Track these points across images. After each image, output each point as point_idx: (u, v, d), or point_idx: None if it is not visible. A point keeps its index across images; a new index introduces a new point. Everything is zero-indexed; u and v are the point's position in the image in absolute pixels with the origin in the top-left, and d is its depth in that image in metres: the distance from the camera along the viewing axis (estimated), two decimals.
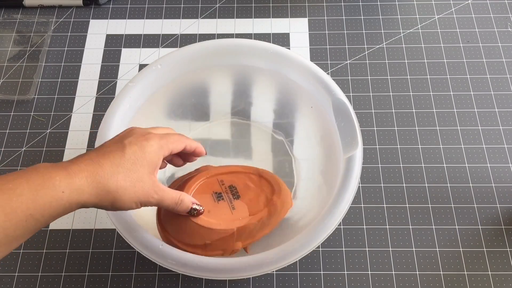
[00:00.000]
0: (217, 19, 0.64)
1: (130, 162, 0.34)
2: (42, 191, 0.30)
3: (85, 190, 0.32)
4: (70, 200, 0.31)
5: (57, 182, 0.30)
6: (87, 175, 0.32)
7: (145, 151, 0.35)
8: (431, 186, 0.53)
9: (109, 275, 0.49)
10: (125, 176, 0.33)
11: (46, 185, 0.30)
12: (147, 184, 0.35)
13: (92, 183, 0.32)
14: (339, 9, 0.65)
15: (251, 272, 0.38)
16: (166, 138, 0.37)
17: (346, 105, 0.45)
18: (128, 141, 0.35)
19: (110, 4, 0.66)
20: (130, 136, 0.36)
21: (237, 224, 0.42)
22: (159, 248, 0.39)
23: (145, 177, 0.35)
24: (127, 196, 0.34)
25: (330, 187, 0.44)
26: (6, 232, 0.29)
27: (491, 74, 0.60)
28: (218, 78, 0.52)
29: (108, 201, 0.33)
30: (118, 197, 0.33)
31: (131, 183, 0.34)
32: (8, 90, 0.59)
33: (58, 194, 0.30)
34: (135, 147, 0.35)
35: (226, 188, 0.44)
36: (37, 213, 0.30)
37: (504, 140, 0.55)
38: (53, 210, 0.30)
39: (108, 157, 0.33)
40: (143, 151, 0.35)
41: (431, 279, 0.48)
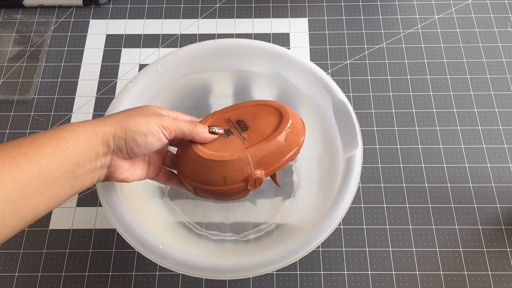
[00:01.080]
0: (217, 19, 0.64)
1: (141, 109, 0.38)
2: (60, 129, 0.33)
3: (99, 122, 0.35)
4: (86, 130, 0.34)
5: (73, 124, 0.34)
6: (98, 118, 0.35)
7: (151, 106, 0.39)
8: (431, 186, 0.53)
9: (109, 275, 0.49)
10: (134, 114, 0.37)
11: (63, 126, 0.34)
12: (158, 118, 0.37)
13: (106, 117, 0.35)
14: (339, 9, 0.65)
15: (251, 272, 0.38)
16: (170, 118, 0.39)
17: (346, 105, 0.45)
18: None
19: (110, 4, 0.66)
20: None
21: (250, 151, 0.41)
22: (159, 248, 0.39)
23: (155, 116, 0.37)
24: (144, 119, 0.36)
25: (330, 187, 0.44)
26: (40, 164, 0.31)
27: (491, 74, 0.60)
28: (218, 78, 0.52)
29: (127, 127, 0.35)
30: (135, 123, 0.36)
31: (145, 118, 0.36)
32: (8, 90, 0.59)
33: (74, 127, 0.34)
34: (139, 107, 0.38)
35: (233, 123, 0.44)
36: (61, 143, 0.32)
37: (504, 140, 0.55)
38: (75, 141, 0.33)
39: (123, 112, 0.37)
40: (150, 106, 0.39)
41: (431, 279, 0.48)
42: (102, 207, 0.41)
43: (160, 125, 0.37)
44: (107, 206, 0.41)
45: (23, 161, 0.30)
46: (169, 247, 0.39)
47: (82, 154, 0.33)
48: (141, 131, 0.36)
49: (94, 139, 0.34)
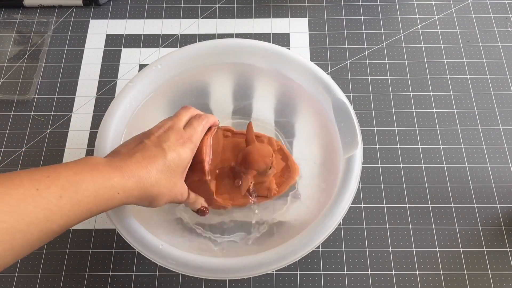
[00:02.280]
0: (217, 19, 0.64)
1: (170, 170, 0.38)
2: (103, 190, 0.33)
3: (133, 194, 0.35)
4: (121, 201, 0.35)
5: (115, 184, 0.34)
6: (137, 181, 0.35)
7: (181, 159, 0.39)
8: (431, 186, 0.53)
9: (109, 275, 0.49)
10: (165, 183, 0.38)
11: (106, 185, 0.33)
12: (179, 189, 0.40)
13: (141, 189, 0.36)
14: (339, 9, 0.65)
15: (251, 272, 0.38)
16: (195, 136, 0.42)
17: (346, 105, 0.45)
18: (167, 146, 0.39)
19: (110, 4, 0.66)
20: (168, 140, 0.39)
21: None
22: (159, 248, 0.39)
23: (178, 183, 0.40)
24: (163, 199, 0.38)
25: (330, 187, 0.44)
26: (68, 220, 0.32)
27: (491, 74, 0.60)
28: (218, 78, 0.52)
29: (147, 203, 0.38)
30: (156, 200, 0.38)
31: (168, 189, 0.38)
32: (8, 90, 0.59)
33: (115, 194, 0.34)
34: (174, 154, 0.38)
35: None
36: (95, 208, 0.33)
37: (504, 140, 0.55)
38: (107, 207, 0.34)
39: (154, 163, 0.37)
40: (180, 159, 0.39)
41: (431, 279, 0.48)
42: None
43: (171, 200, 0.40)
44: None
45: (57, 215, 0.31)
46: (169, 247, 0.39)
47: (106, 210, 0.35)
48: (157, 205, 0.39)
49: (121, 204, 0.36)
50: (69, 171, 0.32)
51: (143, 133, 0.41)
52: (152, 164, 0.37)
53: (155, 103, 0.50)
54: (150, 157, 0.37)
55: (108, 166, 0.35)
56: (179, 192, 0.40)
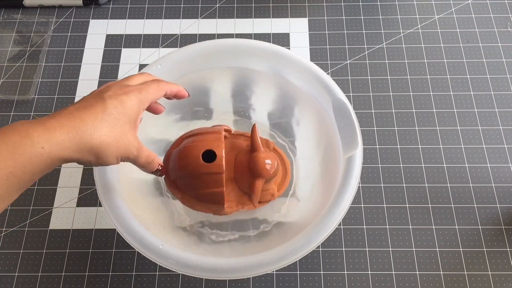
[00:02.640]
0: (217, 19, 0.64)
1: (112, 117, 0.33)
2: (20, 148, 0.29)
3: (67, 145, 0.31)
4: (51, 155, 0.30)
5: (35, 138, 0.29)
6: (68, 130, 0.31)
7: (126, 106, 0.34)
8: (431, 186, 0.53)
9: (109, 275, 0.49)
10: (108, 132, 0.33)
11: (23, 142, 0.29)
12: (130, 140, 0.35)
13: (74, 138, 0.31)
14: (339, 9, 0.65)
15: (251, 272, 0.38)
16: (145, 89, 0.37)
17: (346, 105, 0.45)
18: (107, 95, 0.34)
19: (110, 4, 0.66)
20: (109, 90, 0.35)
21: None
22: (159, 248, 0.39)
23: (127, 133, 0.35)
24: (110, 151, 0.33)
25: (330, 187, 0.44)
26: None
27: (491, 74, 0.60)
28: (218, 78, 0.52)
29: (91, 156, 0.33)
30: (101, 152, 0.33)
31: (114, 139, 0.33)
32: (8, 90, 0.59)
33: (38, 150, 0.29)
34: (115, 101, 0.34)
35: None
36: (17, 170, 0.29)
37: (504, 140, 0.55)
38: (34, 167, 0.30)
39: (90, 111, 0.33)
40: (123, 106, 0.34)
41: (431, 279, 0.48)
42: (102, 207, 0.41)
43: (123, 161, 0.36)
44: (107, 206, 0.41)
45: None
46: (169, 247, 0.39)
47: (38, 174, 0.31)
48: (105, 165, 0.34)
49: (55, 162, 0.31)
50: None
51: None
52: (87, 113, 0.32)
53: None
54: (86, 107, 0.33)
55: (28, 124, 0.30)
56: (131, 144, 0.35)
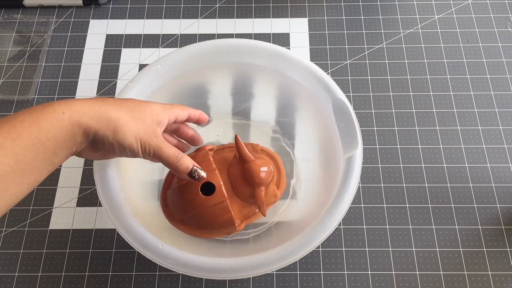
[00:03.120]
0: (217, 19, 0.64)
1: (134, 105, 0.36)
2: (42, 115, 0.31)
3: (86, 113, 0.32)
4: (72, 120, 0.32)
5: (56, 106, 0.32)
6: (88, 102, 0.33)
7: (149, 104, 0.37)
8: (431, 186, 0.53)
9: (109, 275, 0.49)
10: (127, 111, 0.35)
11: (46, 110, 0.31)
12: (149, 125, 0.36)
13: (93, 107, 0.33)
14: (339, 9, 0.65)
15: (251, 272, 0.38)
16: (169, 104, 0.40)
17: (346, 105, 0.45)
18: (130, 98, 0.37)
19: (110, 4, 0.66)
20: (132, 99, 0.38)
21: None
22: (159, 248, 0.39)
23: (147, 119, 0.36)
24: (128, 127, 0.34)
25: (330, 187, 0.44)
26: (17, 157, 0.30)
27: (491, 74, 0.60)
28: (218, 78, 0.52)
29: (110, 129, 0.34)
30: (118, 126, 0.34)
31: (133, 118, 0.35)
32: (8, 90, 0.59)
33: (59, 115, 0.31)
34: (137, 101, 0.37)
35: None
36: (41, 135, 0.31)
37: (504, 140, 0.55)
38: (57, 132, 0.31)
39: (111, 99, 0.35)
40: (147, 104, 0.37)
41: (431, 279, 0.48)
42: (102, 207, 0.41)
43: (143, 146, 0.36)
44: (107, 206, 0.41)
45: (1, 154, 0.29)
46: (169, 247, 0.39)
47: (61, 143, 0.32)
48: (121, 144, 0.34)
49: (76, 130, 0.32)
50: (8, 116, 0.31)
51: None
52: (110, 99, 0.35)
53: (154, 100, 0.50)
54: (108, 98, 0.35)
55: (50, 101, 0.33)
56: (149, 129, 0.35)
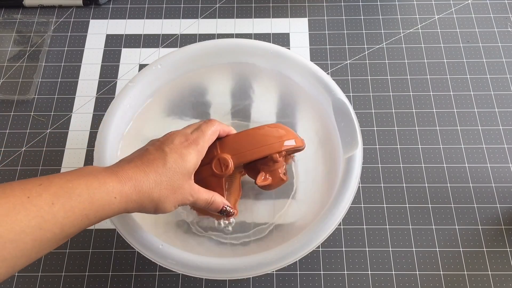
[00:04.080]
0: (217, 19, 0.64)
1: (172, 171, 0.36)
2: (98, 195, 0.32)
3: (133, 199, 0.34)
4: (120, 206, 0.34)
5: (110, 188, 0.33)
6: (135, 184, 0.34)
7: (185, 160, 0.37)
8: (431, 186, 0.53)
9: (109, 275, 0.49)
10: (167, 185, 0.36)
11: (101, 189, 0.32)
12: (186, 190, 0.38)
13: (139, 192, 0.34)
14: (339, 9, 0.65)
15: (251, 272, 0.38)
16: (201, 138, 0.39)
17: (346, 105, 0.45)
18: (169, 148, 0.37)
19: (110, 4, 0.66)
20: (171, 143, 0.38)
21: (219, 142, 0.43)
22: (159, 248, 0.39)
23: (184, 184, 0.37)
24: (168, 203, 0.36)
25: (330, 187, 0.44)
26: (64, 229, 0.31)
27: (491, 74, 0.60)
28: (218, 78, 0.52)
29: (151, 208, 0.36)
30: (160, 204, 0.36)
31: (172, 191, 0.36)
32: (8, 90, 0.59)
33: (111, 199, 0.33)
34: (175, 155, 0.37)
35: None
36: (91, 214, 0.32)
37: (504, 140, 0.55)
38: (105, 213, 0.33)
39: (152, 165, 0.36)
40: (183, 160, 0.37)
41: (431, 279, 0.48)
42: None
43: (180, 205, 0.38)
44: None
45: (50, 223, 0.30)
46: (169, 247, 0.39)
47: (102, 220, 0.34)
48: (163, 212, 0.37)
49: (122, 211, 0.34)
50: (63, 178, 0.32)
51: (150, 141, 0.40)
52: (151, 167, 0.35)
53: (155, 103, 0.50)
54: (150, 160, 0.36)
55: (103, 172, 0.34)
56: (186, 193, 0.38)
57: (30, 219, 0.29)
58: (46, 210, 0.29)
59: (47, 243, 0.30)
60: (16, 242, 0.28)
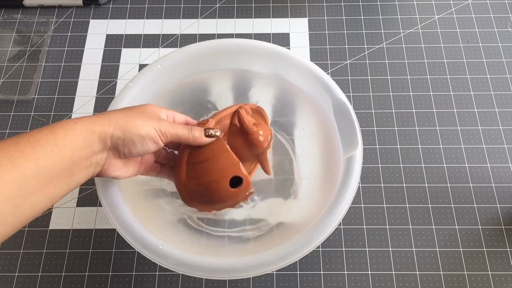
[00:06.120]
0: (217, 19, 0.64)
1: (133, 110, 0.37)
2: (57, 125, 0.33)
3: (97, 121, 0.34)
4: (84, 128, 0.34)
5: (70, 120, 0.34)
6: (96, 115, 0.35)
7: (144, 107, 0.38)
8: (431, 186, 0.53)
9: (109, 275, 0.49)
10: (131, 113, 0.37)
11: (60, 122, 0.33)
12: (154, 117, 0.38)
13: (101, 117, 0.35)
14: (339, 9, 0.65)
15: (251, 272, 0.38)
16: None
17: (346, 105, 0.45)
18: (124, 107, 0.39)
19: (110, 4, 0.66)
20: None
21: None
22: (159, 248, 0.39)
23: (152, 114, 0.38)
24: (140, 121, 0.36)
25: (330, 187, 0.44)
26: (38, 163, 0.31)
27: (491, 74, 0.60)
28: (218, 78, 0.52)
29: (123, 128, 0.35)
30: (130, 123, 0.36)
31: (139, 116, 0.37)
32: (8, 90, 0.59)
33: (71, 124, 0.33)
34: (133, 107, 0.38)
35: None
36: (58, 142, 0.32)
37: (504, 140, 0.55)
38: (72, 138, 0.33)
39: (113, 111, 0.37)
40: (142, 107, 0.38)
41: (431, 279, 0.48)
42: (102, 207, 0.41)
43: (158, 129, 0.37)
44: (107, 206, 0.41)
45: (21, 159, 0.30)
46: (169, 247, 0.39)
47: (78, 151, 0.33)
48: (139, 134, 0.36)
49: (91, 137, 0.34)
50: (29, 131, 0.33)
51: None
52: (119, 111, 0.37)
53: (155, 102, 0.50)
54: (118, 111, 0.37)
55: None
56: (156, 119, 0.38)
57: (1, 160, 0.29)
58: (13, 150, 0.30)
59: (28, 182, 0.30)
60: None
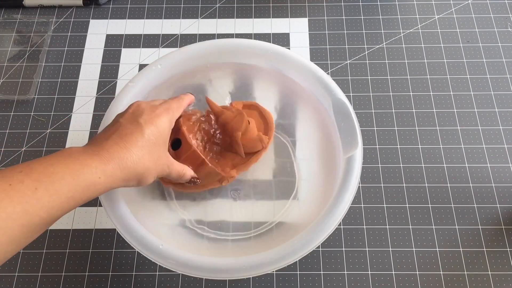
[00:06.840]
0: (217, 19, 0.64)
1: (151, 143, 0.37)
2: (81, 176, 0.33)
3: (118, 176, 0.35)
4: (105, 185, 0.34)
5: (93, 169, 0.33)
6: (119, 162, 0.35)
7: (160, 130, 0.38)
8: (431, 186, 0.53)
9: (109, 275, 0.49)
10: (149, 158, 0.37)
11: (84, 171, 0.33)
12: (164, 161, 0.39)
13: (124, 169, 0.35)
14: (339, 9, 0.65)
15: (251, 272, 0.39)
16: (171, 109, 0.41)
17: (346, 105, 0.45)
18: (143, 120, 0.38)
19: (110, 4, 0.66)
20: (142, 113, 0.39)
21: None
22: (159, 248, 0.39)
23: (162, 155, 0.39)
24: (151, 175, 0.38)
25: (330, 187, 0.44)
26: (50, 212, 0.31)
27: (491, 74, 0.60)
28: (218, 79, 0.52)
29: (135, 181, 0.37)
30: (144, 177, 0.37)
31: (154, 163, 0.38)
32: (8, 90, 0.59)
33: (96, 179, 0.33)
34: (152, 126, 0.38)
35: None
36: (77, 195, 0.32)
37: (504, 140, 0.55)
38: (91, 193, 0.34)
39: (131, 139, 0.36)
40: (158, 130, 0.38)
41: (431, 279, 0.48)
42: (102, 207, 0.41)
43: (161, 175, 0.40)
44: (107, 206, 0.41)
45: (36, 207, 0.30)
46: (169, 247, 0.39)
47: (88, 200, 0.34)
48: (148, 182, 0.38)
49: (108, 189, 0.35)
50: (43, 163, 0.32)
51: (118, 114, 0.40)
52: (131, 141, 0.36)
53: None
54: (127, 134, 0.36)
55: (84, 153, 0.34)
56: (165, 164, 0.39)
57: (15, 205, 0.29)
58: (29, 195, 0.30)
59: (35, 227, 0.31)
60: (3, 229, 0.28)
